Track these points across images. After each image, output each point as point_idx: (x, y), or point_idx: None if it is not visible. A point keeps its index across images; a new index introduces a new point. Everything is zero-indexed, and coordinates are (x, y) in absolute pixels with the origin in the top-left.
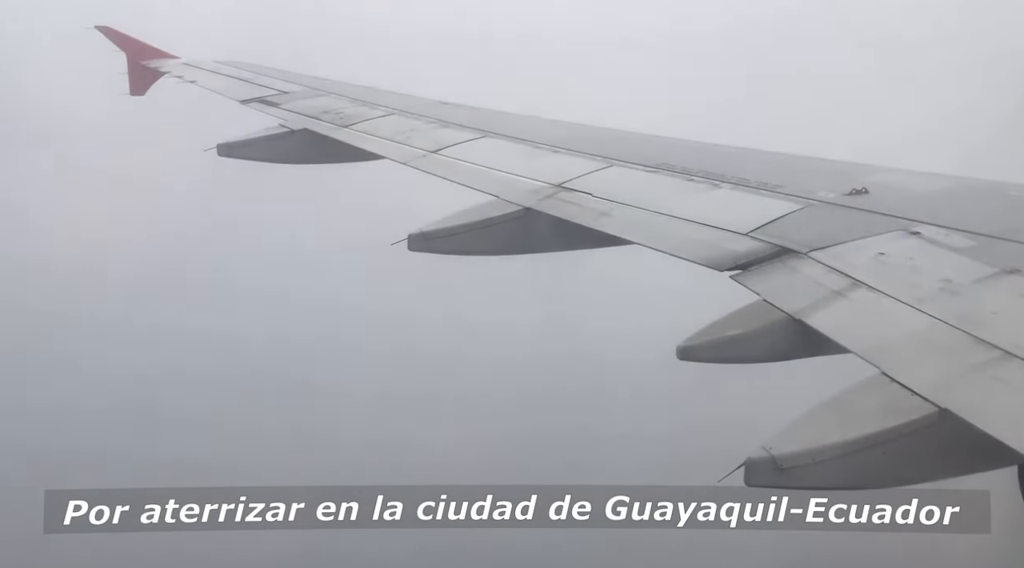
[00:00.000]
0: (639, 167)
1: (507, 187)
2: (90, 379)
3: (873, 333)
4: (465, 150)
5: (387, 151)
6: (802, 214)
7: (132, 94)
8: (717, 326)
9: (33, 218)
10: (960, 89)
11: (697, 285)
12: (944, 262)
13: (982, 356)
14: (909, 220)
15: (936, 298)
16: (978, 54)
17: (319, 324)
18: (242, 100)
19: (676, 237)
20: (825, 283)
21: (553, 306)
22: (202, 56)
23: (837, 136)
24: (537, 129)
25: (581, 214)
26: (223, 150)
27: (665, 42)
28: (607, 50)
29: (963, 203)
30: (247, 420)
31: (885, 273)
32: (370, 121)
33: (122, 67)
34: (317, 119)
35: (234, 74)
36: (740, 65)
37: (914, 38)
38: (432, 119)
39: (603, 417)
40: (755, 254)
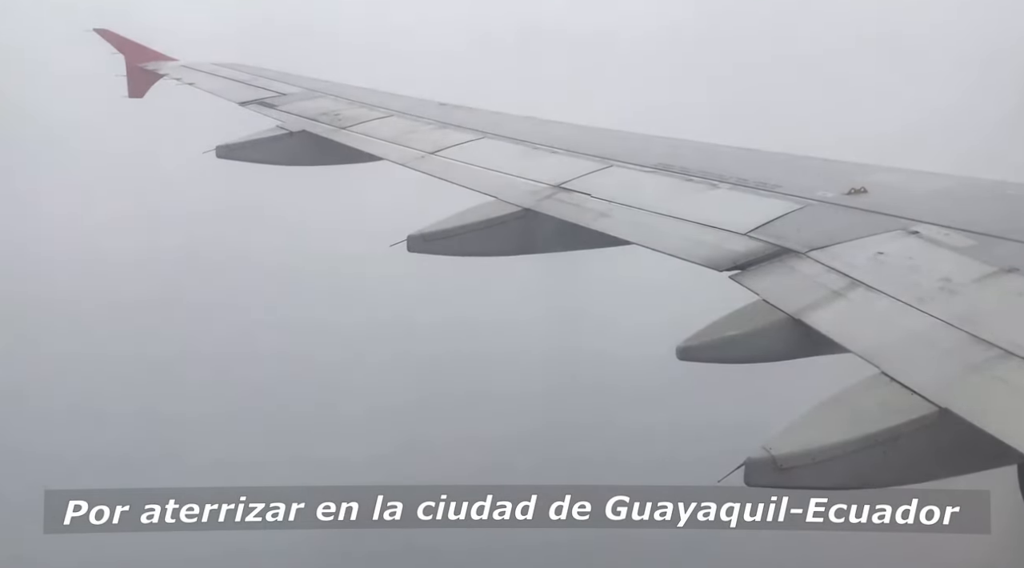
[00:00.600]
0: (638, 167)
1: (506, 188)
2: (90, 379)
3: (872, 333)
4: (464, 151)
5: (386, 152)
6: (801, 214)
7: (131, 96)
8: (716, 326)
9: (32, 220)
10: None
11: (696, 285)
12: (943, 261)
13: (981, 355)
14: (908, 219)
15: (935, 297)
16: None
17: (319, 325)
18: (241, 102)
19: (675, 237)
20: (824, 283)
21: (552, 307)
22: (200, 58)
23: (836, 135)
24: (535, 130)
25: (580, 215)
26: (222, 152)
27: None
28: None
29: (962, 202)
30: (247, 420)
31: (884, 272)
32: (369, 123)
33: (121, 69)
34: (316, 121)
35: (232, 76)
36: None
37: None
38: (431, 120)
39: (602, 418)
40: (754, 254)
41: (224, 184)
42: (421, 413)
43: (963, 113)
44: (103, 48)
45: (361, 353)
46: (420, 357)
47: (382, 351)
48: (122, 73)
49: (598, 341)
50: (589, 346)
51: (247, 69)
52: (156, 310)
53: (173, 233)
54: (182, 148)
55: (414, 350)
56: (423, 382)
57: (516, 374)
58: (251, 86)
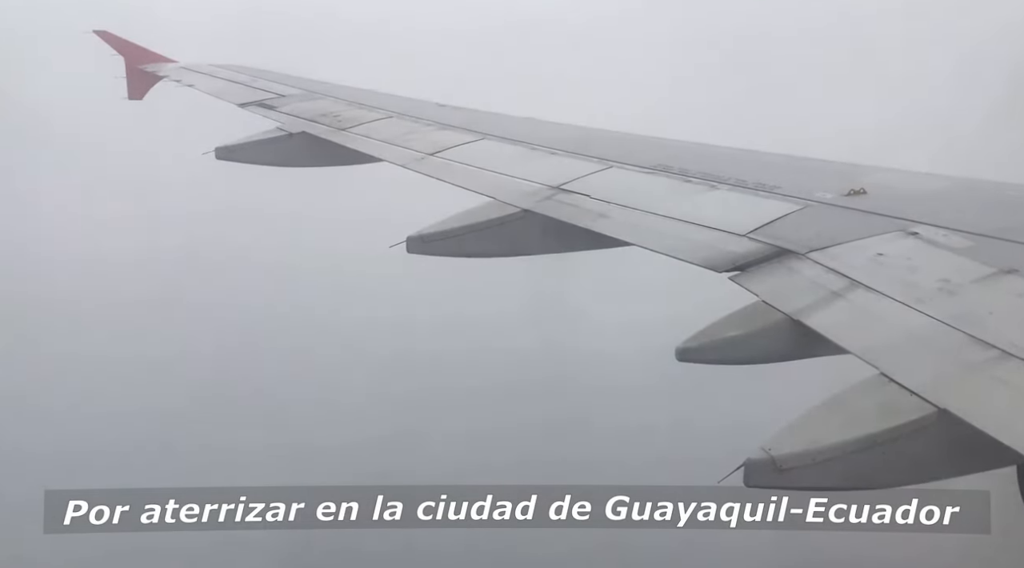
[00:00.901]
0: (637, 168)
1: (505, 189)
2: (90, 379)
3: (871, 333)
4: (463, 152)
5: (385, 154)
6: (800, 215)
7: (130, 98)
8: (716, 327)
9: (33, 221)
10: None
11: (695, 286)
12: (942, 262)
13: (980, 356)
14: (907, 220)
15: (934, 298)
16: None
17: (318, 325)
18: (240, 103)
19: (674, 238)
20: (824, 284)
21: (551, 308)
22: (200, 60)
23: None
24: (534, 131)
25: (579, 216)
26: (221, 153)
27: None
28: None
29: (961, 203)
30: (248, 420)
31: (883, 273)
32: (368, 124)
33: (120, 71)
34: (315, 122)
35: (232, 78)
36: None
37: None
38: (430, 121)
39: (603, 418)
40: (753, 255)
41: (224, 186)
42: (421, 413)
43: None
44: (103, 50)
45: (361, 353)
46: (419, 358)
47: (382, 352)
48: (122, 75)
49: (597, 342)
50: (587, 347)
51: (246, 71)
52: (156, 310)
53: (173, 234)
54: (182, 150)
55: (414, 350)
56: (423, 383)
57: (515, 375)
58: (250, 88)
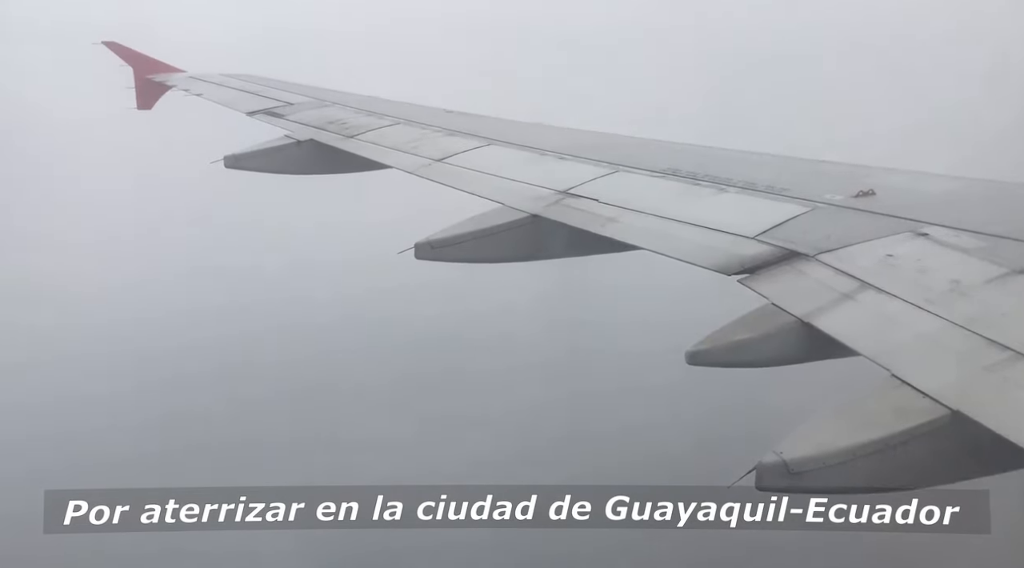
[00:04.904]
0: (645, 172)
1: (513, 194)
2: (90, 379)
3: (882, 336)
4: (471, 158)
5: (393, 160)
6: (809, 217)
7: (139, 108)
8: (725, 331)
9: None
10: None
11: (705, 290)
12: (953, 263)
13: (993, 357)
14: (917, 221)
15: (945, 299)
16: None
17: (324, 329)
18: (248, 112)
19: (683, 242)
20: (833, 286)
21: (559, 312)
22: (208, 69)
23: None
24: (542, 136)
25: (588, 220)
26: (230, 162)
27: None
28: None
29: (971, 204)
30: (248, 420)
31: (893, 275)
32: (376, 131)
33: (129, 82)
34: (323, 130)
35: (240, 86)
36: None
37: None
38: (437, 128)
39: (607, 419)
40: (763, 258)
41: (232, 194)
42: (421, 413)
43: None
44: (112, 61)
45: (367, 358)
46: (424, 361)
47: (388, 356)
48: (131, 85)
49: (603, 345)
50: (594, 350)
51: (254, 79)
52: (159, 312)
53: (180, 243)
54: (190, 158)
55: (419, 355)
56: (423, 383)
57: (521, 377)
58: (259, 96)
